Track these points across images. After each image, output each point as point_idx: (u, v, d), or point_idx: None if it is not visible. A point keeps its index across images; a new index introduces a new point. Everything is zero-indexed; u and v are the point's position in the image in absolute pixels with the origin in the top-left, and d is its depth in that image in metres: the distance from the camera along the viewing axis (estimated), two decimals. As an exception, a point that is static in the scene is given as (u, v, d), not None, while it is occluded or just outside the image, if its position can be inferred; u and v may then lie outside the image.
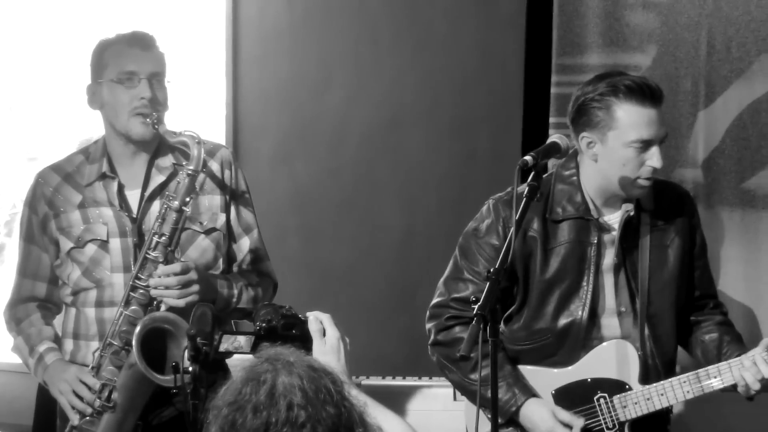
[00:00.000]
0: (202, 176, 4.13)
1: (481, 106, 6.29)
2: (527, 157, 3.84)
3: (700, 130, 5.93)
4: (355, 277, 6.41)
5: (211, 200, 4.18)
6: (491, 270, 3.67)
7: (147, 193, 4.15)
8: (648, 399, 3.90)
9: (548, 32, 6.06)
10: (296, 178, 6.45)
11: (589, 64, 5.72)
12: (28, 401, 5.33)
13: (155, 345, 3.98)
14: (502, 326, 4.03)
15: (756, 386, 3.87)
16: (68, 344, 4.21)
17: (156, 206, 4.09)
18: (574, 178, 4.07)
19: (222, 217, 4.19)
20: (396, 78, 6.44)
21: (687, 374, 3.95)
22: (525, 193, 3.83)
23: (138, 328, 3.93)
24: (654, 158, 3.99)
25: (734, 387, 3.93)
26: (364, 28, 6.46)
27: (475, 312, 3.58)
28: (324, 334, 3.29)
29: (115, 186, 4.15)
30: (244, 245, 4.25)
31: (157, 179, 4.16)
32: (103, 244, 4.13)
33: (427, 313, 4.28)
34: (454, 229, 4.33)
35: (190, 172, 4.01)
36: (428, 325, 4.26)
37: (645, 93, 4.05)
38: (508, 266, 3.76)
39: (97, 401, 4.01)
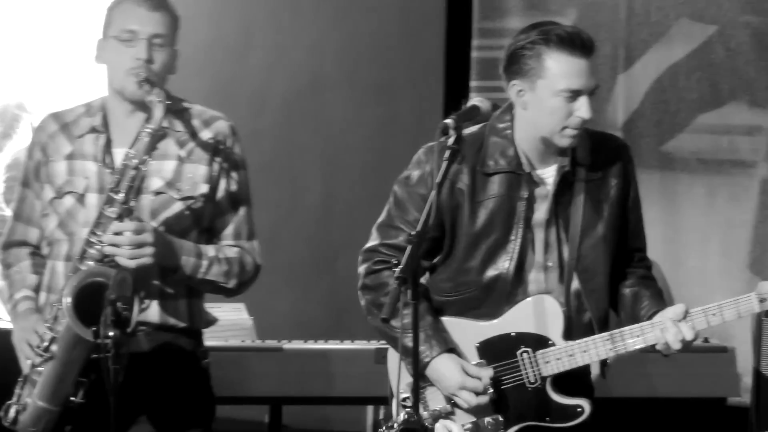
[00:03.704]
0: (190, 143, 4.08)
1: (403, 70, 6.35)
2: (448, 120, 3.78)
3: (620, 93, 6.04)
4: (276, 241, 6.42)
5: (195, 169, 4.11)
6: (412, 234, 3.62)
7: (131, 151, 4.13)
8: (571, 355, 3.89)
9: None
10: None
11: (510, 28, 5.71)
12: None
13: (93, 299, 3.84)
14: (427, 276, 4.09)
15: (677, 346, 3.81)
16: (42, 296, 4.17)
17: (125, 167, 4.09)
18: (509, 131, 4.00)
19: (203, 187, 4.11)
20: (317, 42, 6.49)
21: (610, 332, 3.94)
22: (446, 156, 3.75)
23: (72, 281, 3.88)
24: (582, 109, 3.93)
25: (653, 347, 3.95)
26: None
27: (396, 275, 3.53)
28: None
29: (102, 140, 4.08)
30: (228, 219, 4.23)
31: (144, 137, 4.11)
32: (80, 198, 4.06)
33: (359, 257, 4.26)
34: (375, 192, 4.33)
35: (149, 130, 4.01)
36: (359, 269, 4.23)
37: (576, 43, 3.97)
38: (435, 219, 3.76)
39: (40, 350, 3.97)
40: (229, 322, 5.52)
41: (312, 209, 6.47)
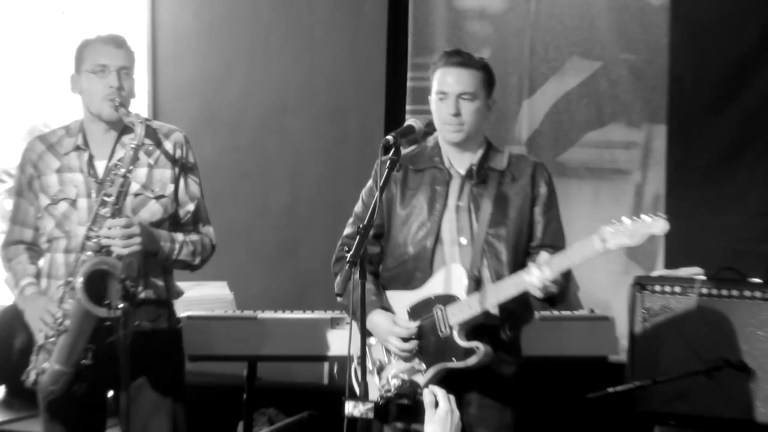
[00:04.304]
0: (156, 152, 4.18)
1: (352, 97, 6.38)
2: (389, 137, 3.81)
3: (524, 115, 6.09)
4: (252, 233, 6.48)
5: (162, 173, 4.17)
6: (360, 226, 3.67)
7: (111, 163, 4.12)
8: (470, 306, 3.87)
9: (405, 38, 6.17)
10: (203, 155, 6.25)
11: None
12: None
13: (101, 283, 3.97)
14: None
15: (540, 285, 3.79)
16: (43, 282, 4.18)
17: (111, 174, 4.11)
18: (438, 138, 4.08)
19: (170, 187, 4.18)
20: (283, 75, 6.53)
21: (495, 283, 3.94)
22: (387, 164, 3.82)
23: (83, 268, 3.95)
24: (448, 106, 3.99)
25: (539, 297, 3.90)
26: (257, 35, 6.57)
27: (348, 259, 3.58)
28: (436, 406, 3.04)
29: (86, 156, 4.14)
30: (188, 209, 4.22)
31: (120, 153, 4.11)
32: (73, 203, 4.12)
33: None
34: (330, 196, 4.37)
35: (133, 146, 4.00)
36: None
37: (451, 56, 4.08)
38: (379, 212, 3.81)
39: (55, 325, 4.02)
40: (214, 297, 5.54)
41: (280, 207, 6.50)
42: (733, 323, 5.14)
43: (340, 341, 4.98)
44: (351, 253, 3.61)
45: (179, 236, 4.23)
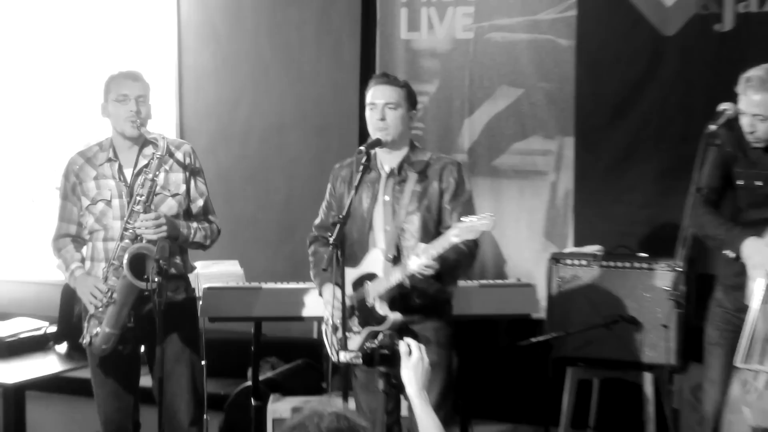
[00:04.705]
0: (170, 161, 4.16)
1: (333, 117, 6.32)
2: (361, 147, 3.94)
3: (466, 130, 6.00)
4: (257, 222, 6.47)
5: (176, 177, 4.19)
6: (340, 217, 3.77)
7: (135, 171, 4.14)
8: (385, 281, 3.86)
9: (374, 72, 5.99)
10: (220, 162, 6.43)
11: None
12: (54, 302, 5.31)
13: (139, 263, 4.01)
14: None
15: (416, 268, 3.80)
16: (87, 264, 4.17)
17: (141, 179, 4.10)
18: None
19: (183, 187, 4.20)
20: (280, 100, 6.46)
21: (402, 265, 3.90)
22: (360, 168, 3.92)
23: (127, 253, 3.99)
24: (376, 113, 3.98)
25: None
26: (259, 70, 6.50)
27: (331, 243, 3.72)
28: (410, 356, 3.01)
29: (116, 166, 4.16)
30: (198, 203, 4.25)
31: (142, 162, 4.14)
32: (108, 203, 4.14)
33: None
34: (317, 193, 4.27)
35: (158, 156, 4.05)
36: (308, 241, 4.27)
37: (379, 77, 4.12)
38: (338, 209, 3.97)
39: (104, 298, 4.05)
40: (228, 272, 5.46)
41: (278, 202, 6.44)
42: (626, 287, 5.19)
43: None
44: (333, 237, 3.72)
45: (193, 224, 4.25)
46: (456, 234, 3.70)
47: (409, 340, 3.09)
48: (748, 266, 3.93)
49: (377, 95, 4.02)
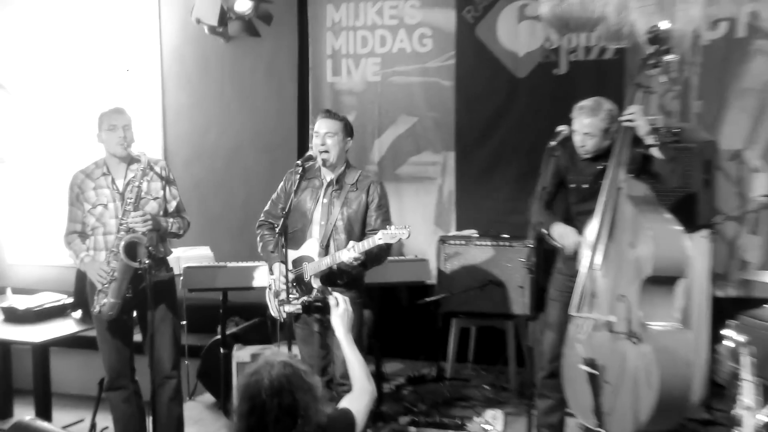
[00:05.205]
0: (150, 173, 4.08)
1: (278, 139, 6.17)
2: (298, 161, 3.89)
3: (376, 148, 5.95)
4: (223, 218, 6.28)
5: (156, 185, 4.09)
6: (283, 212, 3.73)
7: (125, 181, 4.06)
8: (318, 264, 3.82)
9: (308, 105, 6.03)
10: (194, 174, 6.29)
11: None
12: (70, 281, 5.14)
13: (131, 249, 3.96)
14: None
15: (346, 259, 3.76)
16: (92, 253, 4.08)
17: (130, 187, 4.02)
18: (319, 162, 3.95)
19: (161, 192, 4.11)
20: (239, 128, 6.31)
21: (330, 254, 3.85)
22: (297, 177, 3.89)
23: (122, 242, 3.94)
24: (319, 140, 3.91)
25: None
26: (224, 105, 6.32)
27: (277, 232, 3.71)
28: (337, 306, 2.99)
29: (110, 179, 4.06)
30: (173, 204, 4.15)
31: (130, 174, 4.06)
32: (105, 206, 4.04)
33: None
34: (267, 196, 4.19)
35: (141, 168, 4.01)
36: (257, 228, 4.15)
37: (323, 112, 4.02)
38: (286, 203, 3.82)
39: (108, 277, 3.98)
40: (202, 255, 5.39)
41: (239, 203, 6.24)
42: (493, 259, 5.22)
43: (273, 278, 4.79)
44: (279, 227, 3.68)
45: (170, 219, 4.17)
46: (380, 237, 3.67)
47: (337, 294, 3.06)
48: (563, 244, 3.93)
49: (321, 126, 3.94)
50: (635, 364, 3.68)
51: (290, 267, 3.88)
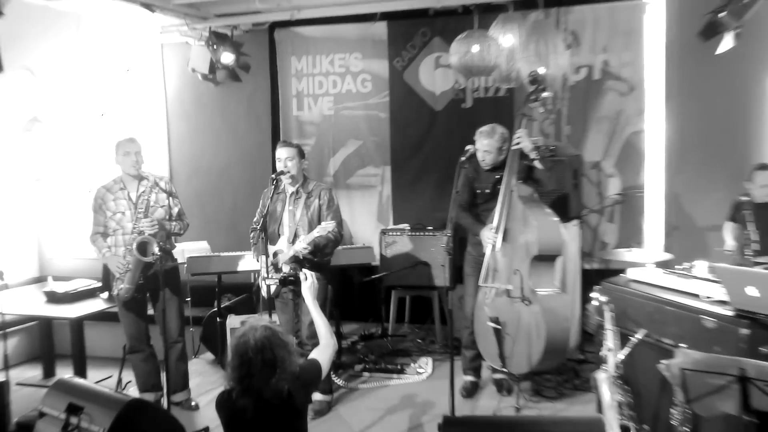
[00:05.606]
0: (157, 187, 4.01)
1: (257, 160, 6.07)
2: (272, 175, 3.87)
3: (331, 164, 5.91)
4: (217, 220, 6.17)
5: (161, 196, 4.03)
6: (262, 216, 3.73)
7: (138, 194, 3.99)
8: (286, 253, 3.79)
9: (279, 133, 5.95)
10: (195, 187, 6.19)
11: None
12: (98, 270, 5.02)
13: (142, 247, 3.89)
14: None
15: (296, 251, 3.74)
16: (113, 249, 4.00)
17: (141, 198, 3.96)
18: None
19: (166, 201, 4.04)
20: (227, 152, 6.20)
21: (293, 246, 3.80)
22: (272, 188, 3.87)
23: (135, 242, 3.88)
24: (281, 164, 3.85)
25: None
26: (214, 132, 6.22)
27: (258, 230, 3.70)
28: (306, 280, 2.96)
29: (126, 192, 3.99)
30: (175, 210, 4.08)
31: (141, 189, 3.99)
32: (123, 213, 3.97)
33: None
34: (251, 203, 4.13)
35: (149, 185, 3.94)
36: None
37: (282, 142, 3.99)
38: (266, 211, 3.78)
39: (124, 268, 3.92)
40: (201, 248, 5.32)
41: (229, 207, 6.14)
42: (422, 246, 5.24)
43: (258, 265, 4.67)
44: (259, 228, 3.70)
45: (173, 222, 4.10)
46: (317, 231, 3.69)
47: (306, 270, 3.06)
48: (483, 240, 4.02)
49: (281, 153, 3.93)
50: (528, 320, 3.81)
51: (270, 256, 3.87)
